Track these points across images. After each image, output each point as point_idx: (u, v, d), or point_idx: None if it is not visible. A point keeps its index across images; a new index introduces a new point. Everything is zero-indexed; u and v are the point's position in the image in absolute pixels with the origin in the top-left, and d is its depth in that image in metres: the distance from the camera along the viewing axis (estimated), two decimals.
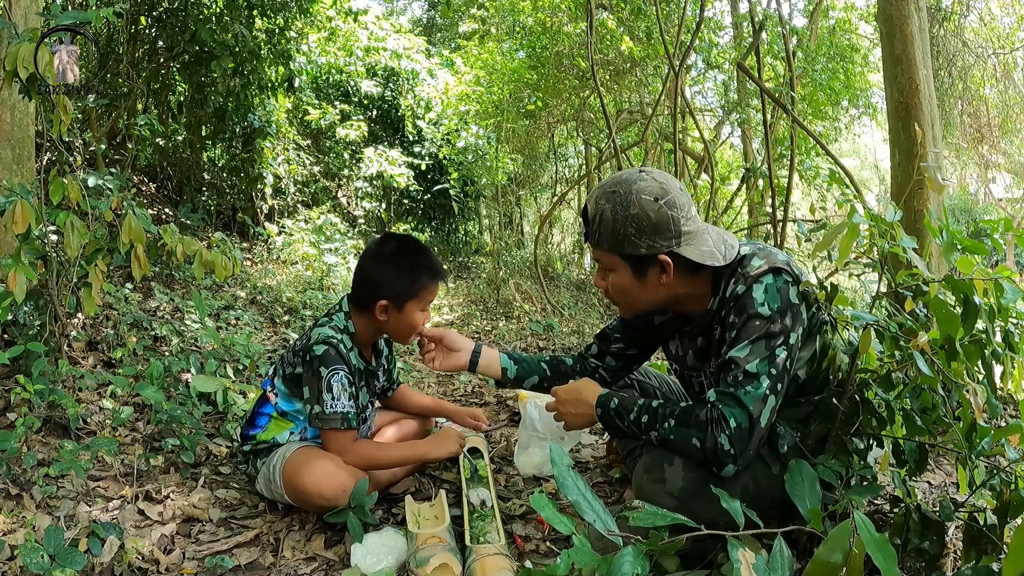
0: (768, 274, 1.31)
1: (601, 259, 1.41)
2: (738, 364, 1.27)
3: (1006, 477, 1.19)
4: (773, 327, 1.27)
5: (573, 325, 4.93)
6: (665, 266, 1.34)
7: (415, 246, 1.79)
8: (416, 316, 1.74)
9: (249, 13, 4.49)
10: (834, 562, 0.91)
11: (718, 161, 7.96)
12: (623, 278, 1.39)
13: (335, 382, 1.65)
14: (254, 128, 5.21)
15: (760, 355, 1.26)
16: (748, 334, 1.28)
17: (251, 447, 1.77)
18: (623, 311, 1.54)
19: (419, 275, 1.73)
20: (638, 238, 1.32)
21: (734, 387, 1.26)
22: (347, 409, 1.66)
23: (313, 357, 1.67)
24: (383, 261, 1.75)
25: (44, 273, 2.06)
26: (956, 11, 7.33)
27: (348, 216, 7.22)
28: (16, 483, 1.65)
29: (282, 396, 1.77)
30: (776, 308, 1.28)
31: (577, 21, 6.37)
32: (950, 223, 1.28)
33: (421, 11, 13.61)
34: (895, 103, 2.98)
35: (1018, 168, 11.12)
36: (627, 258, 1.35)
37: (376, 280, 1.73)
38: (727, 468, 1.26)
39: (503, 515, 1.70)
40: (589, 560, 0.86)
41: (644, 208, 1.31)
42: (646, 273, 1.36)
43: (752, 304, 1.29)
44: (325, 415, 1.64)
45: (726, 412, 1.25)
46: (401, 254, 1.75)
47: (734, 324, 1.32)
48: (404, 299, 1.71)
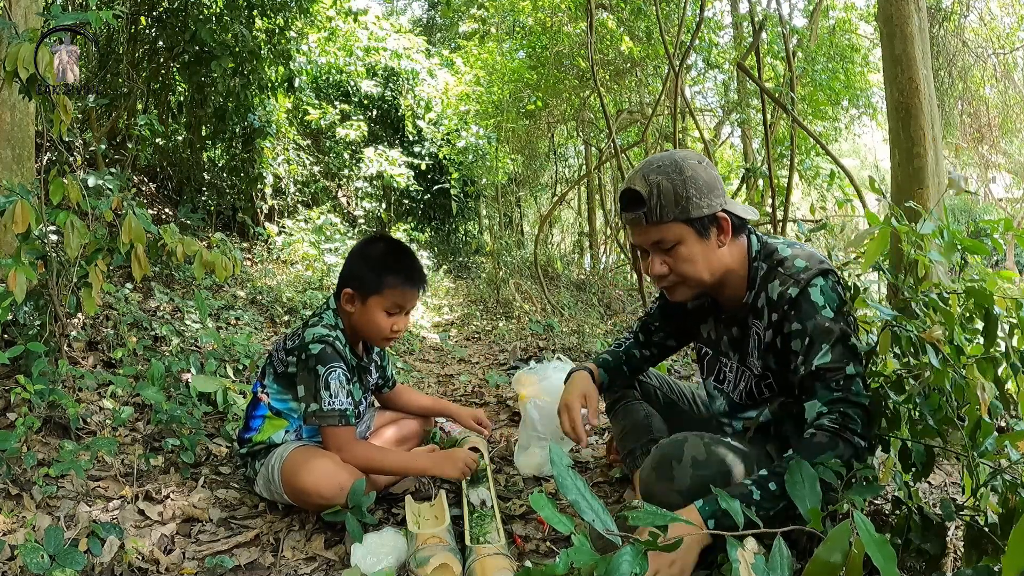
0: (819, 276, 1.32)
1: (665, 235, 1.35)
2: (831, 371, 1.27)
3: (1009, 480, 1.18)
4: (843, 326, 1.29)
5: (573, 325, 4.93)
6: (723, 224, 1.36)
7: (398, 248, 1.79)
8: (379, 315, 1.73)
9: (249, 13, 4.49)
10: (833, 562, 0.91)
11: (718, 161, 7.96)
12: (691, 247, 1.35)
13: (333, 379, 1.65)
14: (254, 128, 5.21)
15: (846, 356, 1.28)
16: (826, 339, 1.28)
17: (248, 450, 1.77)
18: (680, 292, 1.44)
19: (389, 274, 1.72)
20: (699, 198, 1.32)
21: (841, 392, 1.27)
22: (345, 406, 1.66)
23: (309, 356, 1.67)
24: (361, 254, 1.78)
25: (44, 273, 2.06)
26: (956, 11, 7.33)
27: (348, 216, 7.22)
28: (16, 483, 1.65)
29: (274, 395, 1.78)
30: (836, 307, 1.30)
31: (577, 21, 6.37)
32: (950, 223, 1.28)
33: (421, 11, 13.62)
34: (895, 103, 2.98)
35: (1018, 168, 11.13)
36: (692, 222, 1.34)
37: (349, 270, 1.76)
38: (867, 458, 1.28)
39: (503, 515, 1.70)
40: (588, 560, 0.86)
41: (695, 170, 1.33)
42: (709, 235, 1.36)
43: (815, 310, 1.30)
44: (323, 412, 1.64)
45: (849, 413, 1.25)
46: (379, 251, 1.76)
47: (800, 332, 1.31)
48: (367, 292, 1.72)
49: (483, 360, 4.00)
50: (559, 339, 4.42)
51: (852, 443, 1.24)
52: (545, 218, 7.28)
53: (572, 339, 4.39)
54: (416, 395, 2.17)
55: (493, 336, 4.76)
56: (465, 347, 4.36)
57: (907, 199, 2.12)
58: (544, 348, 4.19)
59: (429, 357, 4.02)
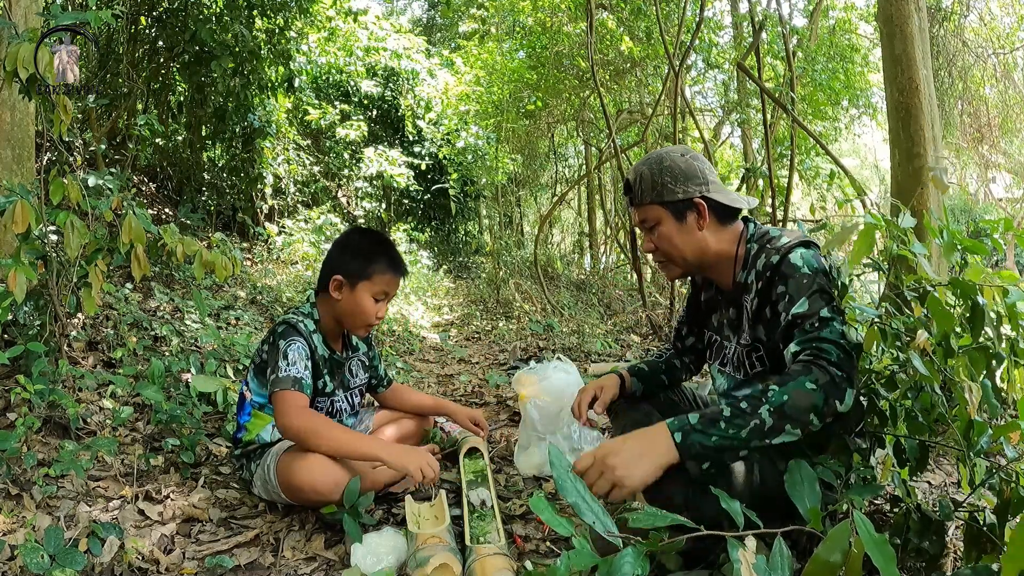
0: (800, 246, 1.39)
1: (646, 216, 1.52)
2: (806, 316, 1.29)
3: (1006, 475, 1.19)
4: (823, 282, 1.33)
5: (573, 325, 4.93)
6: (700, 209, 1.47)
7: (378, 237, 1.88)
8: (366, 300, 1.79)
9: (249, 13, 4.49)
10: (833, 562, 0.91)
11: (718, 161, 7.96)
12: (667, 227, 1.50)
13: (291, 351, 1.69)
14: (254, 128, 5.22)
15: (822, 303, 1.30)
16: (802, 291, 1.32)
17: (242, 451, 1.80)
18: (672, 269, 1.59)
19: (375, 260, 1.80)
20: (674, 184, 1.47)
21: (813, 332, 1.26)
22: (300, 374, 1.66)
23: (273, 333, 1.75)
24: (344, 245, 1.85)
25: (44, 273, 2.06)
26: (956, 11, 7.33)
27: (348, 216, 7.22)
28: (16, 483, 1.65)
29: (254, 389, 1.81)
30: (815, 268, 1.34)
31: (577, 21, 6.37)
32: (950, 223, 1.28)
33: (421, 11, 13.62)
34: (895, 103, 2.98)
35: (1018, 168, 11.12)
36: (667, 205, 1.48)
37: (334, 259, 1.83)
38: (847, 395, 1.20)
39: (503, 515, 1.70)
40: (589, 562, 0.86)
41: (674, 160, 1.49)
42: (685, 218, 1.48)
43: (795, 268, 1.35)
44: (279, 378, 1.64)
45: (823, 347, 1.24)
46: (362, 240, 1.85)
47: (782, 293, 1.36)
48: (356, 279, 1.78)
49: (483, 360, 4.00)
50: (559, 339, 4.42)
51: (827, 371, 1.20)
52: (545, 218, 7.28)
53: (572, 339, 4.39)
54: (415, 394, 2.17)
55: (493, 336, 4.76)
56: (465, 347, 4.36)
57: (907, 199, 2.12)
58: (544, 348, 4.19)
59: (429, 357, 4.03)
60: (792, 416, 1.16)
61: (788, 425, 1.16)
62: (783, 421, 1.16)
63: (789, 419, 1.16)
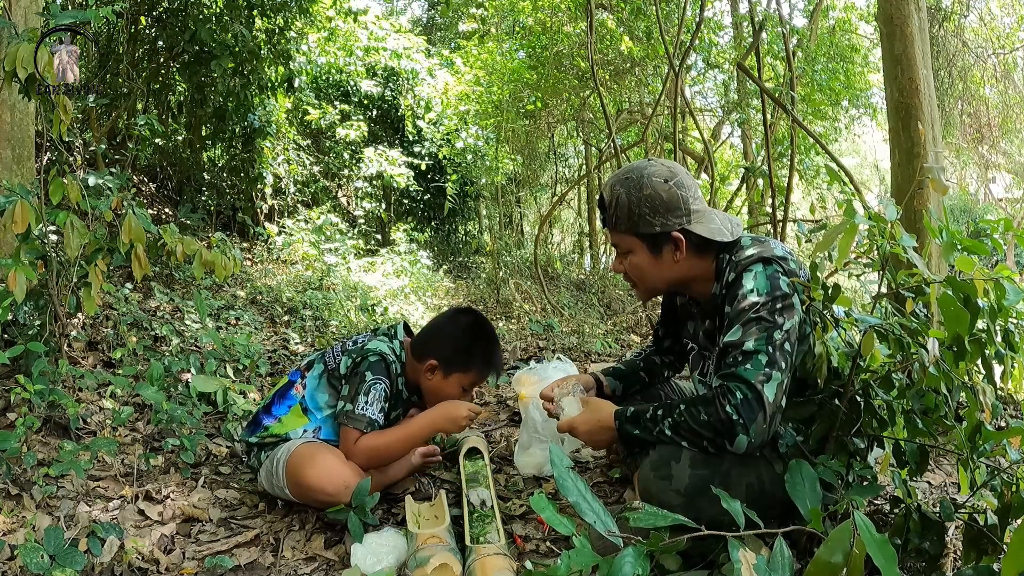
0: (758, 263, 1.34)
1: (619, 242, 1.47)
2: (734, 346, 1.30)
3: (1007, 478, 1.18)
4: (764, 311, 1.30)
5: (573, 325, 4.92)
6: (678, 243, 1.41)
7: (489, 333, 1.89)
8: (455, 389, 1.83)
9: (249, 13, 4.49)
10: (835, 562, 0.91)
11: (718, 161, 7.96)
12: (641, 258, 1.46)
13: (374, 389, 1.71)
14: (254, 128, 5.21)
15: (754, 335, 1.28)
16: (740, 319, 1.31)
17: (259, 440, 1.77)
18: (641, 294, 1.58)
19: (478, 358, 1.83)
20: (652, 217, 1.40)
21: (733, 366, 1.28)
22: (375, 416, 1.70)
23: (365, 361, 1.74)
24: (457, 328, 1.85)
25: (44, 273, 2.06)
26: (956, 11, 7.33)
27: (348, 216, 7.22)
28: (16, 483, 1.65)
29: (310, 389, 1.80)
30: (766, 293, 1.31)
31: (577, 21, 6.37)
32: (950, 223, 1.27)
33: (421, 11, 13.61)
34: (895, 103, 2.98)
35: (1018, 168, 11.12)
36: (643, 237, 1.43)
37: (440, 340, 1.83)
38: (739, 440, 1.25)
39: (503, 515, 1.70)
40: (590, 561, 0.86)
41: (656, 188, 1.39)
42: (661, 251, 1.43)
43: (741, 291, 1.33)
44: (355, 414, 1.68)
45: (730, 386, 1.27)
46: (475, 332, 1.86)
47: (728, 313, 1.35)
48: (454, 369, 1.81)
49: None
50: (559, 339, 4.42)
51: (722, 412, 1.25)
52: (545, 218, 7.28)
53: (572, 339, 4.39)
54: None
55: None
56: None
57: (907, 199, 2.12)
58: (544, 348, 4.19)
59: None
60: (686, 437, 1.32)
61: (684, 442, 1.32)
62: (679, 438, 1.33)
63: (684, 438, 1.32)
